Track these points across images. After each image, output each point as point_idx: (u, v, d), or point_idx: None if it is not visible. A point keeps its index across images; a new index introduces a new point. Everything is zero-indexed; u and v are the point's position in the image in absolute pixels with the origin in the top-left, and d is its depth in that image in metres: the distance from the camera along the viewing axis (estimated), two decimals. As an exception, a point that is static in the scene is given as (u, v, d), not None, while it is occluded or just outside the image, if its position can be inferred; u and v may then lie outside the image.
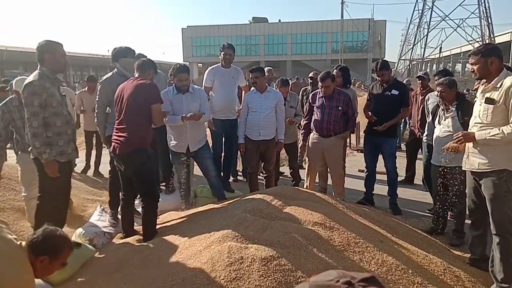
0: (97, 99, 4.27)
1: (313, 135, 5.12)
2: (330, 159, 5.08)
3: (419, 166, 6.36)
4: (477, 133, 3.09)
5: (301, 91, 6.96)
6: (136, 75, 3.79)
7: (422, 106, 5.88)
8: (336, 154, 5.09)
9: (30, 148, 3.25)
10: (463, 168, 3.41)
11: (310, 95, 5.24)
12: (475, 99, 3.45)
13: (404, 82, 6.43)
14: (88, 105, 6.80)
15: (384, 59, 7.13)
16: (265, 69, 6.74)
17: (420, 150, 6.23)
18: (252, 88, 5.10)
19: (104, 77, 4.38)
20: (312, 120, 5.11)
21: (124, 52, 4.30)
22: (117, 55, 4.30)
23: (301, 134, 5.34)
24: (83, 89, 7.70)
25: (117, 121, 3.74)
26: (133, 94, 3.58)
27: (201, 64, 52.26)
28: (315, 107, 5.07)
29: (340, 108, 4.96)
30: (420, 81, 6.30)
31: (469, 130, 3.27)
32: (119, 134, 3.66)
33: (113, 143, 3.72)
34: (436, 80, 4.61)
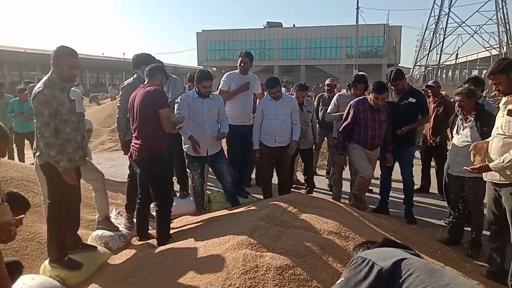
0: (118, 105, 4.37)
1: (356, 147, 4.79)
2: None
3: (433, 174, 6.29)
4: (491, 164, 3.08)
5: (317, 98, 6.94)
6: (146, 81, 3.86)
7: (434, 113, 5.84)
8: (375, 164, 5.00)
9: (38, 154, 3.25)
10: (484, 179, 3.36)
11: (353, 103, 4.81)
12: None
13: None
14: None
15: (398, 67, 7.15)
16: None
17: (432, 158, 6.19)
18: (266, 94, 5.11)
19: (126, 83, 4.47)
20: (356, 134, 4.75)
21: (145, 59, 4.37)
22: (138, 62, 4.37)
23: (337, 146, 4.96)
24: None
25: (132, 128, 3.85)
26: (142, 101, 3.69)
27: (215, 68, 52.52)
28: (361, 120, 4.68)
29: (386, 120, 4.74)
30: (431, 90, 6.24)
31: (490, 141, 3.23)
32: (135, 140, 3.81)
33: (131, 148, 3.86)
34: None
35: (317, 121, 6.26)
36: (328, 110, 5.69)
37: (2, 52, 36.09)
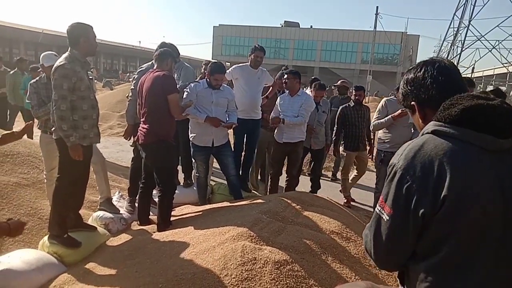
0: (131, 88, 4.39)
1: None
2: None
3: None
4: None
5: (329, 100, 6.86)
6: (155, 66, 3.86)
7: None
8: None
9: (53, 128, 3.27)
10: None
11: None
12: None
13: None
14: None
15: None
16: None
17: None
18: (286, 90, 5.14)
19: (144, 66, 4.50)
20: None
21: (169, 48, 4.38)
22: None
23: None
24: None
25: (141, 113, 3.86)
26: (151, 86, 3.68)
27: (229, 63, 52.50)
28: None
29: None
30: None
31: None
32: (143, 125, 3.81)
33: (139, 132, 3.85)
34: None
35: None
36: (374, 120, 4.93)
37: (19, 31, 36.37)
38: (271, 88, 5.61)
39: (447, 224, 1.10)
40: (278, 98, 5.22)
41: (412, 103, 1.34)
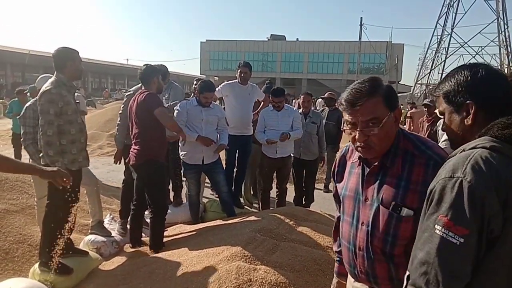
0: (120, 112, 4.36)
1: None
2: None
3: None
4: None
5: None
6: (143, 87, 3.87)
7: (428, 132, 5.80)
8: None
9: (41, 154, 3.24)
10: None
11: None
12: None
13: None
14: None
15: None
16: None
17: None
18: (269, 105, 5.13)
19: (132, 90, 4.48)
20: None
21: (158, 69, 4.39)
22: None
23: None
24: None
25: (132, 135, 3.86)
26: (137, 109, 3.69)
27: (218, 78, 52.72)
28: None
29: None
30: (426, 109, 6.20)
31: None
32: (134, 146, 3.81)
33: (130, 153, 3.84)
34: None
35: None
36: (443, 142, 4.24)
37: (6, 52, 36.17)
38: (262, 103, 5.62)
39: (496, 253, 1.03)
40: (261, 113, 5.19)
41: (468, 101, 1.22)
